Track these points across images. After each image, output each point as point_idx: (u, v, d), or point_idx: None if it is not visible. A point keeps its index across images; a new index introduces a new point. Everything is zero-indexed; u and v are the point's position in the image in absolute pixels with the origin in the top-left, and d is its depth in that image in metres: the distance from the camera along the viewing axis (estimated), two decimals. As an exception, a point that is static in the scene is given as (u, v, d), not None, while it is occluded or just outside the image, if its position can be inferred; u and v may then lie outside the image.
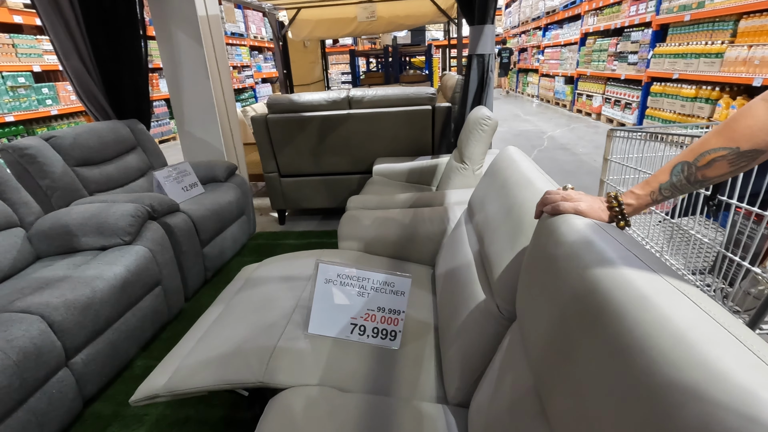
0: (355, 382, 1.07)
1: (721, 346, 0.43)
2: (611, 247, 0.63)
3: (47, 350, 1.29)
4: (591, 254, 0.63)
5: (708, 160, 0.63)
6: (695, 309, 0.49)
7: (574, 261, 0.65)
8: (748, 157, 0.59)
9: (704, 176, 0.64)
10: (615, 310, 0.53)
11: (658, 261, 0.61)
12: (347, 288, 1.20)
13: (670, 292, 0.52)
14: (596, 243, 0.65)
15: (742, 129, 0.58)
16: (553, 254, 0.71)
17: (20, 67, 4.59)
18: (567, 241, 0.70)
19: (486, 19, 2.47)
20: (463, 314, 1.07)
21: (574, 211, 0.76)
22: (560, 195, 0.80)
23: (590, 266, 0.61)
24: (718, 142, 0.61)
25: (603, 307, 0.55)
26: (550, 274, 0.71)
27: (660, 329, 0.47)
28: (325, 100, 2.82)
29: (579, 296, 0.60)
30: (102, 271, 1.60)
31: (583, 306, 0.59)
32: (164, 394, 1.09)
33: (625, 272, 0.56)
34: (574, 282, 0.63)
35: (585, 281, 0.60)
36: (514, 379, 0.78)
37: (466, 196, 1.95)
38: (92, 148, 2.29)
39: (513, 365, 0.81)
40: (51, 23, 2.41)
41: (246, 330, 1.24)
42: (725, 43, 4.10)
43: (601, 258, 0.61)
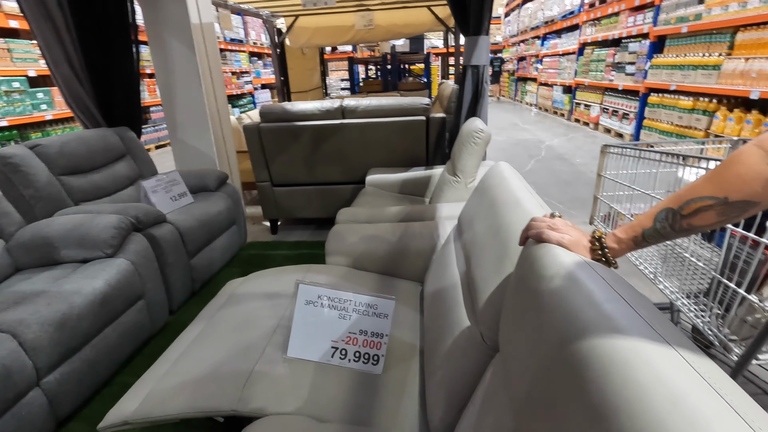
0: (334, 411, 1.02)
1: (720, 416, 0.39)
2: (599, 288, 0.58)
3: (17, 370, 1.24)
4: (577, 296, 0.58)
5: (694, 208, 0.58)
6: (691, 371, 0.44)
7: (557, 301, 0.61)
8: (738, 209, 0.54)
9: (690, 225, 0.60)
10: (602, 365, 0.48)
11: (649, 307, 0.56)
12: (328, 310, 1.15)
13: (664, 349, 0.47)
14: (583, 282, 0.60)
15: (732, 177, 0.54)
16: (537, 288, 0.67)
17: (15, 71, 4.56)
18: (550, 275, 0.65)
19: (480, 30, 2.45)
20: (447, 340, 1.03)
21: (558, 242, 0.72)
22: (546, 223, 0.76)
23: (575, 310, 0.57)
24: (706, 190, 0.56)
25: (588, 360, 0.50)
26: (533, 310, 0.66)
27: (652, 392, 0.42)
28: (318, 110, 2.79)
29: (563, 342, 0.55)
30: (81, 285, 1.55)
31: (568, 354, 0.54)
32: (134, 421, 1.04)
33: (613, 321, 0.52)
34: (557, 325, 0.58)
35: (569, 326, 0.56)
36: (496, 417, 0.73)
37: (458, 210, 1.91)
38: (80, 157, 2.26)
39: (495, 401, 0.77)
40: (40, 29, 2.38)
41: (223, 352, 1.19)
42: (722, 55, 4.09)
43: (588, 301, 0.56)
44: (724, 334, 1.07)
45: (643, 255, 1.41)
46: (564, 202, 3.57)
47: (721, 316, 1.12)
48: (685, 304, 1.19)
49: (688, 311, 1.17)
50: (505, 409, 0.71)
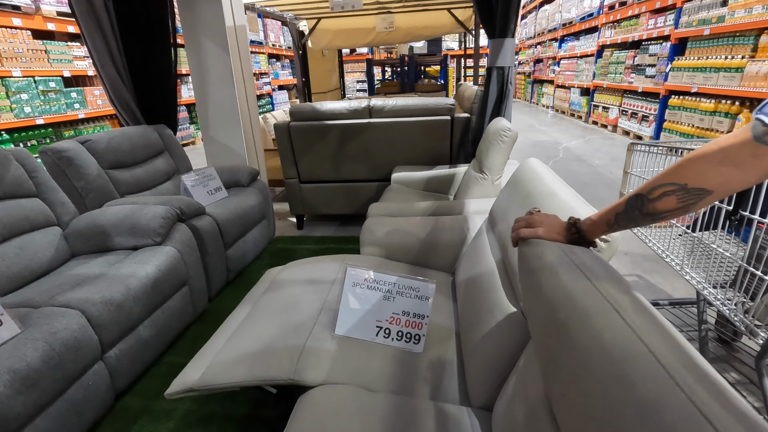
0: (381, 383, 1.11)
1: (634, 362, 0.51)
2: (567, 269, 0.71)
3: (86, 344, 1.36)
4: (551, 280, 0.72)
5: (659, 193, 0.66)
6: (625, 327, 0.56)
7: (541, 288, 0.74)
8: (695, 195, 0.62)
9: (655, 209, 0.67)
10: (570, 332, 0.62)
11: (605, 275, 0.68)
12: (373, 292, 1.24)
13: (604, 307, 0.60)
14: (555, 268, 0.73)
15: (692, 167, 0.62)
16: (528, 282, 0.81)
17: (51, 72, 4.77)
18: (533, 268, 0.79)
19: (506, 33, 2.52)
20: (486, 320, 1.11)
21: (534, 236, 0.83)
22: (523, 221, 0.88)
23: (550, 292, 0.71)
24: (670, 177, 0.64)
25: (565, 327, 0.64)
26: (532, 296, 0.80)
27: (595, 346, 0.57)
28: (346, 109, 2.89)
29: (549, 317, 0.69)
30: (135, 269, 1.67)
31: (554, 325, 0.67)
32: (198, 388, 1.14)
33: (576, 295, 0.65)
34: (544, 306, 0.72)
35: (550, 305, 0.70)
36: (532, 384, 0.81)
37: (486, 205, 1.99)
38: (124, 152, 2.39)
39: (532, 371, 0.85)
40: (89, 32, 2.52)
41: (275, 329, 1.29)
42: (746, 57, 4.08)
43: (558, 284, 0.70)
44: (749, 320, 1.12)
45: (671, 248, 1.47)
46: (584, 202, 3.60)
47: (747, 305, 1.18)
48: (711, 294, 1.25)
49: (714, 300, 1.23)
50: (537, 373, 0.79)
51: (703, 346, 1.46)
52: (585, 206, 1.03)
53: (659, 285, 2.24)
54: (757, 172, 0.57)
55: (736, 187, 0.60)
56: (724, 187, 0.60)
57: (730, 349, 1.68)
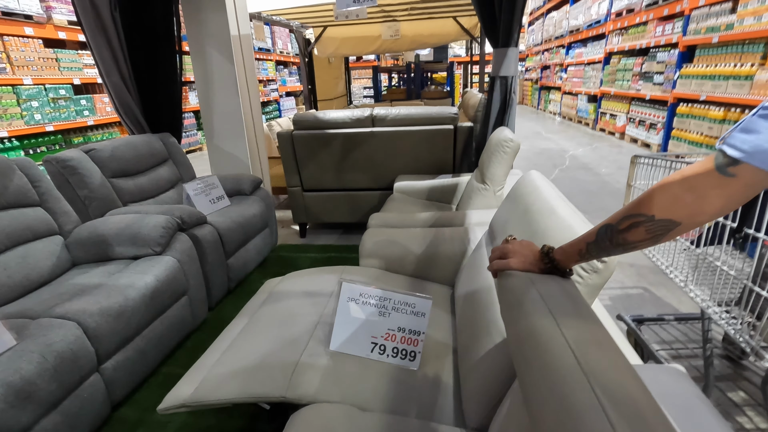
0: (375, 402, 1.09)
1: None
2: (534, 306, 0.71)
3: (82, 355, 1.36)
4: (520, 315, 0.72)
5: (627, 224, 0.64)
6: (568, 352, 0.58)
7: (512, 323, 0.76)
8: (663, 227, 0.60)
9: (625, 240, 0.65)
10: (532, 371, 0.63)
11: (573, 307, 0.68)
12: (369, 307, 1.23)
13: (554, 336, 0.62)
14: (523, 304, 0.73)
15: (658, 198, 0.60)
16: (504, 316, 0.83)
17: (62, 80, 4.84)
18: (506, 303, 0.80)
19: (510, 42, 2.51)
20: (483, 338, 1.09)
21: (507, 268, 0.82)
22: (498, 251, 0.87)
23: (519, 327, 0.71)
24: (639, 208, 0.63)
25: (527, 360, 0.65)
26: (508, 327, 0.80)
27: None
28: (349, 118, 2.90)
29: (519, 350, 0.70)
30: (134, 280, 1.67)
31: (521, 358, 0.68)
32: (190, 403, 1.13)
33: (538, 332, 0.65)
34: (513, 342, 0.73)
35: (517, 340, 0.70)
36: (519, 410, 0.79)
37: (487, 216, 1.97)
38: (128, 161, 2.41)
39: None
40: (95, 41, 2.56)
41: (270, 344, 1.28)
42: (755, 65, 4.03)
43: (526, 320, 0.70)
44: (756, 341, 1.09)
45: (675, 263, 1.44)
46: (589, 212, 3.56)
47: (753, 324, 1.15)
48: (716, 313, 1.22)
49: (719, 319, 1.19)
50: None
51: (708, 365, 1.42)
52: (583, 224, 1.00)
53: (665, 298, 2.19)
54: (723, 202, 0.55)
55: (704, 219, 0.58)
56: (692, 219, 0.58)
57: (738, 367, 1.63)
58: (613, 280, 2.41)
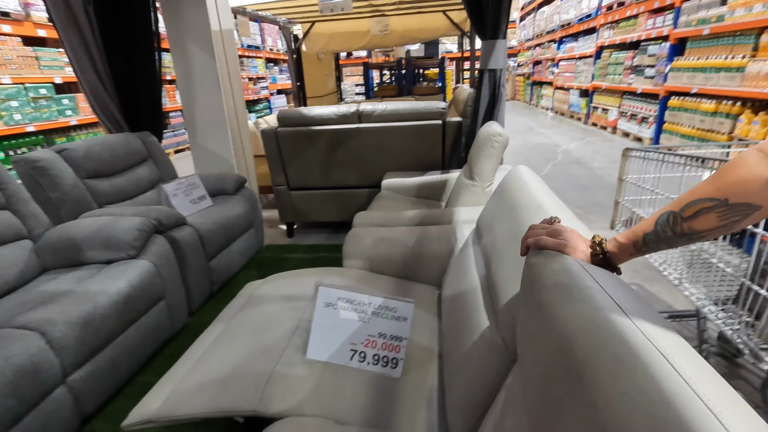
0: (354, 414, 1.02)
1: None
2: (597, 294, 0.58)
3: (45, 368, 1.28)
4: (575, 303, 0.58)
5: (694, 210, 0.56)
6: (677, 378, 0.43)
7: (555, 310, 0.61)
8: (740, 212, 0.53)
9: (691, 228, 0.57)
10: (594, 374, 0.49)
11: (646, 312, 0.55)
12: (348, 312, 1.16)
13: (652, 358, 0.46)
14: (580, 289, 0.60)
15: (732, 180, 0.53)
16: (538, 299, 0.67)
17: (42, 78, 4.71)
18: (551, 284, 0.66)
19: (498, 34, 2.44)
20: (467, 344, 1.02)
21: (557, 248, 0.71)
22: (545, 229, 0.76)
23: (572, 318, 0.57)
24: (707, 192, 0.55)
25: (582, 370, 0.50)
26: (537, 318, 0.66)
27: (638, 400, 0.42)
28: (335, 114, 2.82)
29: (561, 351, 0.56)
30: (105, 286, 1.59)
31: (565, 364, 0.54)
32: (157, 419, 1.06)
33: (607, 329, 0.52)
34: (555, 335, 0.59)
35: (564, 335, 0.56)
36: (514, 423, 0.73)
37: (475, 214, 1.90)
38: (104, 161, 2.32)
39: (513, 407, 0.76)
40: (68, 37, 2.46)
41: (244, 352, 1.20)
42: (746, 57, 3.99)
43: (587, 308, 0.56)
44: (754, 342, 1.03)
45: (668, 260, 1.38)
46: (582, 207, 3.52)
47: (751, 324, 1.09)
48: (712, 312, 1.16)
49: (715, 318, 1.14)
50: (521, 416, 0.70)
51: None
52: (570, 220, 0.94)
53: (659, 295, 2.14)
54: None
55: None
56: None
57: (734, 366, 1.58)
58: (605, 277, 2.35)
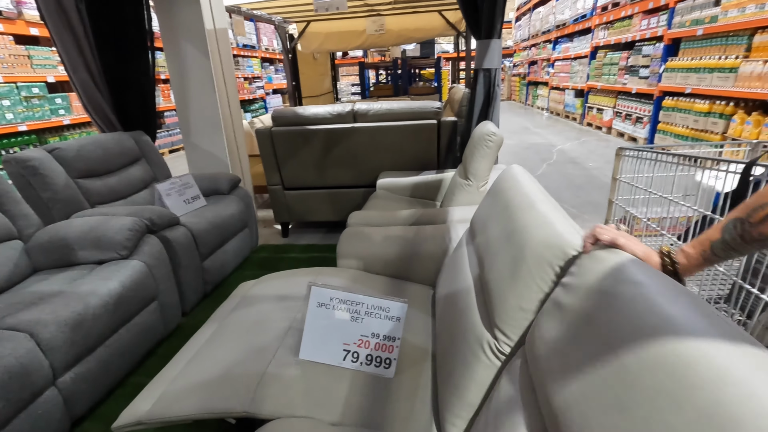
0: (346, 415, 1.01)
1: None
2: (684, 298, 0.56)
3: (34, 369, 1.26)
4: (666, 304, 0.55)
5: (762, 215, 0.55)
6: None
7: (641, 316, 0.56)
8: None
9: (761, 234, 0.55)
10: (692, 374, 0.46)
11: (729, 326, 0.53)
12: (340, 312, 1.15)
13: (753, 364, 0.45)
14: (664, 291, 0.57)
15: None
16: (613, 291, 0.63)
17: (35, 77, 4.67)
18: (630, 280, 0.62)
19: (492, 34, 2.44)
20: (460, 344, 1.02)
21: (633, 252, 0.69)
22: (616, 232, 0.74)
23: (661, 317, 0.54)
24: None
25: (675, 366, 0.48)
26: (604, 313, 0.62)
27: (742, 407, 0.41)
28: (329, 114, 2.81)
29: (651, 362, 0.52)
30: (96, 286, 1.57)
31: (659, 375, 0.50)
32: (147, 421, 1.05)
33: (705, 334, 0.49)
34: (634, 329, 0.55)
35: (649, 331, 0.53)
36: (511, 423, 0.72)
37: (469, 213, 1.90)
38: (96, 160, 2.30)
39: (511, 407, 0.76)
40: (60, 36, 2.43)
41: (236, 353, 1.20)
42: (739, 57, 4.02)
43: (677, 312, 0.53)
44: (746, 341, 1.04)
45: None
46: (577, 206, 3.52)
47: (743, 322, 1.09)
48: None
49: (707, 317, 1.14)
50: (524, 414, 0.69)
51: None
52: (564, 219, 0.94)
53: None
54: None
55: None
56: None
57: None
58: (600, 276, 2.36)
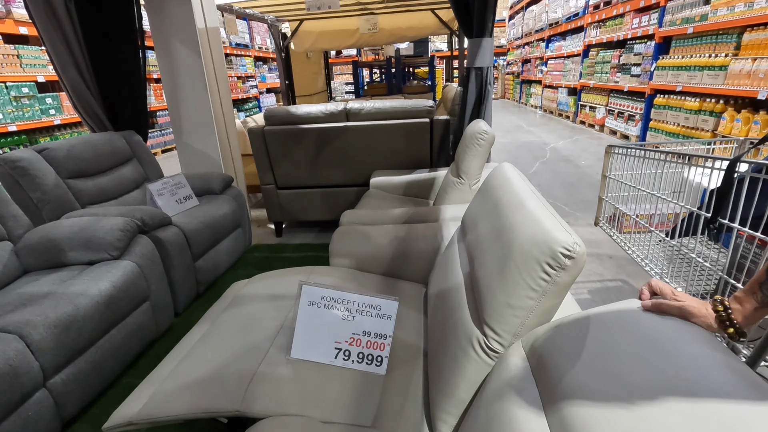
0: (338, 412, 1.02)
1: None
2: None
3: (24, 371, 1.25)
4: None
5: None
6: None
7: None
8: None
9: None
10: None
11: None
12: (332, 311, 1.15)
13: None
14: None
15: None
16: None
17: (24, 77, 4.63)
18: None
19: (484, 32, 2.45)
20: (450, 341, 1.02)
21: (680, 313, 0.67)
22: (678, 297, 0.70)
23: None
24: None
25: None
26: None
27: None
28: (322, 113, 2.80)
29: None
30: (87, 287, 1.56)
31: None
32: (138, 421, 1.04)
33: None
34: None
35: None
36: (505, 420, 0.73)
37: (461, 211, 1.91)
38: (87, 160, 2.28)
39: (503, 403, 0.76)
40: (48, 35, 2.41)
41: (228, 353, 1.19)
42: (729, 55, 4.06)
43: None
44: (731, 335, 1.05)
45: (650, 256, 1.40)
46: (569, 204, 3.55)
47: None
48: (691, 306, 1.18)
49: (695, 312, 1.15)
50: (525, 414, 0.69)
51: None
52: (552, 217, 0.94)
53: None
54: None
55: None
56: None
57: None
58: (592, 273, 2.38)
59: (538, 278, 0.84)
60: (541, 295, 0.84)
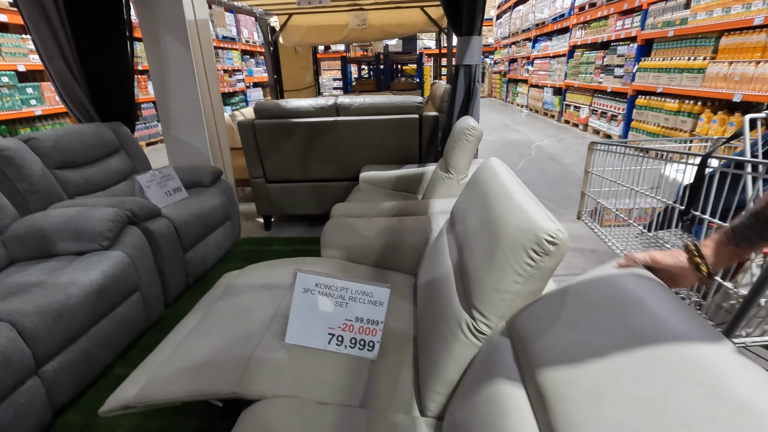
0: (331, 394, 1.06)
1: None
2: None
3: (16, 359, 1.26)
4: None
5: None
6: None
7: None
8: None
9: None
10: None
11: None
12: (325, 298, 1.19)
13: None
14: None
15: None
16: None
17: (4, 66, 4.51)
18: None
19: (473, 30, 2.50)
20: (440, 325, 1.07)
21: (650, 257, 0.73)
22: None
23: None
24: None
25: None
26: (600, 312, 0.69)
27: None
28: (312, 107, 2.82)
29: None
30: (77, 276, 1.56)
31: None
32: (135, 404, 1.06)
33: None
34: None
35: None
36: (488, 394, 0.78)
37: (450, 205, 1.96)
38: (74, 151, 2.26)
39: (488, 381, 0.81)
40: (34, 24, 2.37)
41: (222, 339, 1.22)
42: (707, 59, 4.20)
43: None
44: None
45: (628, 247, 1.47)
46: (554, 201, 3.64)
47: (698, 304, 1.18)
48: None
49: (669, 300, 1.23)
50: (506, 385, 0.74)
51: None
52: (538, 207, 1.00)
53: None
54: None
55: None
56: None
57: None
58: (573, 266, 2.46)
59: (524, 263, 0.89)
60: (526, 279, 0.89)
